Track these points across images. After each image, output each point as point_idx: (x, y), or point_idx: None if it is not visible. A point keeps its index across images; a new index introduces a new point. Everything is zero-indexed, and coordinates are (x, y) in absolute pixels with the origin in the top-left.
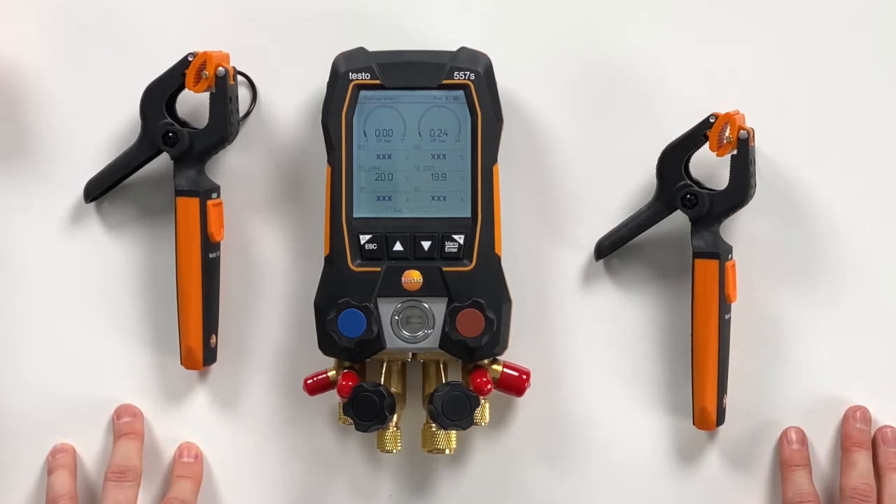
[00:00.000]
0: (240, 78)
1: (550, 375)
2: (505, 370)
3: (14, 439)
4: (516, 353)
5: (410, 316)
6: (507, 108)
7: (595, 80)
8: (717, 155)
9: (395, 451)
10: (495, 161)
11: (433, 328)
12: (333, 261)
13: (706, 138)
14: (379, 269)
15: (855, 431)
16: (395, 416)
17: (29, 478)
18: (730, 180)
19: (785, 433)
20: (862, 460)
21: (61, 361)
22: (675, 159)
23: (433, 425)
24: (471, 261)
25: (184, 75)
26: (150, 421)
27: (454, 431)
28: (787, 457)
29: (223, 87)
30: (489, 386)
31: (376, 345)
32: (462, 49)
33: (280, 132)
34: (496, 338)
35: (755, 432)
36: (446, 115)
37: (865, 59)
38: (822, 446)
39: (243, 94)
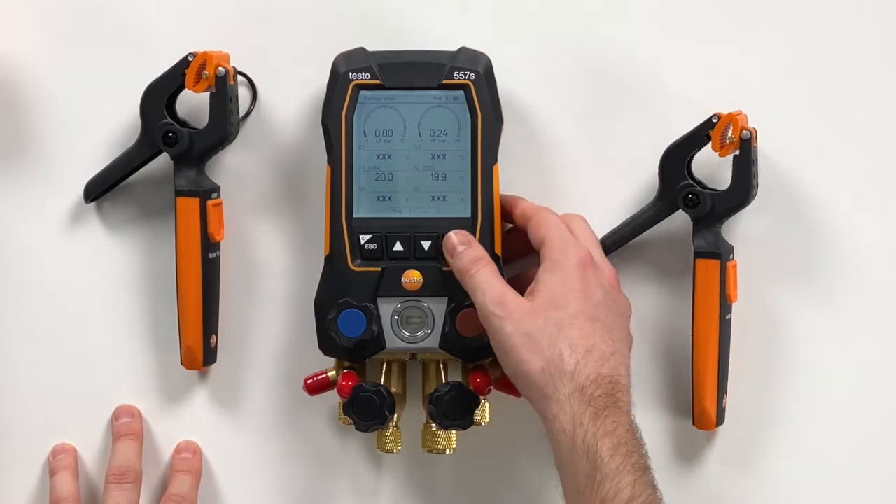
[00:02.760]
0: (240, 78)
1: None
2: None
3: (14, 439)
4: None
5: (410, 316)
6: (507, 108)
7: (596, 79)
8: (720, 155)
9: (395, 451)
10: (495, 161)
11: (433, 328)
12: (333, 261)
13: (708, 138)
14: (379, 269)
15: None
16: (395, 416)
17: (29, 478)
18: (732, 180)
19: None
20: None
21: (61, 361)
22: (677, 159)
23: (433, 425)
24: None
25: (184, 75)
26: (151, 421)
27: (454, 431)
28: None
29: (223, 87)
30: (489, 386)
31: (376, 345)
32: (462, 49)
33: (280, 132)
34: None
35: (755, 432)
36: (446, 115)
37: (867, 59)
38: (821, 444)
39: (243, 94)
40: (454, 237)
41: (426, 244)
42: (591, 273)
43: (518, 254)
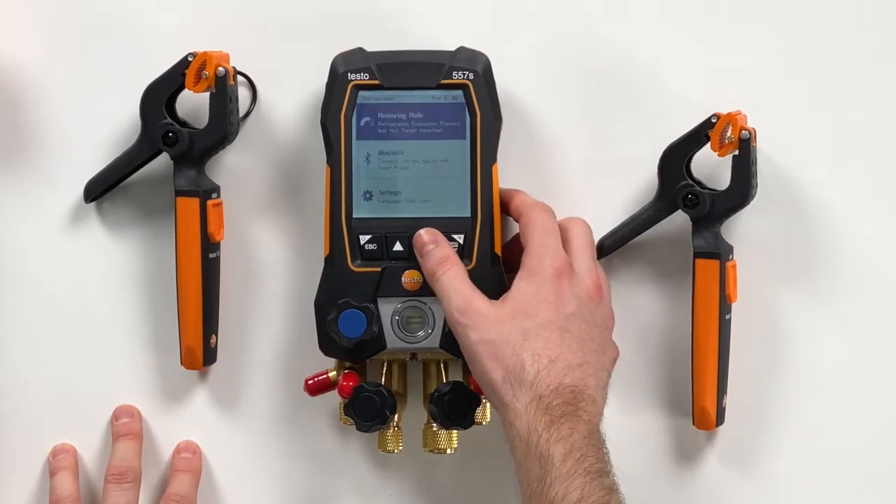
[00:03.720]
0: (240, 78)
1: None
2: None
3: (14, 439)
4: None
5: (411, 316)
6: (507, 107)
7: (596, 79)
8: (719, 155)
9: (396, 451)
10: (494, 160)
11: (433, 328)
12: (333, 261)
13: (708, 138)
14: (379, 269)
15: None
16: (395, 416)
17: (29, 478)
18: (731, 180)
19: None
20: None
21: (61, 361)
22: (676, 159)
23: (434, 425)
24: (471, 260)
25: (184, 75)
26: (151, 421)
27: (455, 431)
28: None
29: (223, 87)
30: None
31: (377, 345)
32: (460, 49)
33: (280, 132)
34: None
35: (755, 432)
36: (445, 114)
37: (867, 58)
38: (821, 444)
39: (243, 94)
40: (424, 235)
41: None
42: (566, 284)
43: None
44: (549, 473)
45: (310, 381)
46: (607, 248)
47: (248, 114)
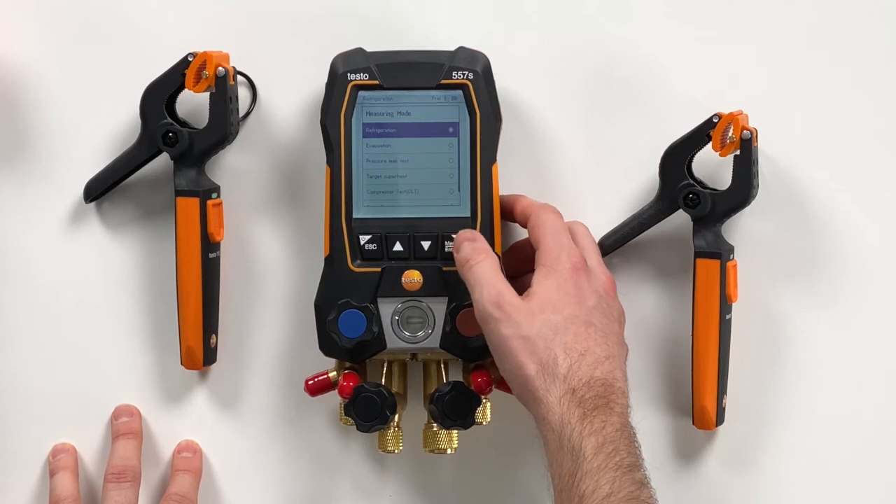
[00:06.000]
0: (240, 78)
1: None
2: None
3: (14, 439)
4: None
5: (411, 316)
6: (507, 107)
7: (596, 79)
8: (720, 155)
9: (396, 451)
10: (494, 161)
11: (433, 328)
12: (333, 261)
13: (709, 138)
14: (379, 269)
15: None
16: (396, 417)
17: (29, 477)
18: (732, 180)
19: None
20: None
21: (61, 361)
22: (677, 159)
23: (434, 425)
24: None
25: (184, 75)
26: (151, 421)
27: (455, 431)
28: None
29: (223, 87)
30: (490, 385)
31: (377, 345)
32: (460, 49)
33: (280, 132)
34: None
35: (755, 432)
36: (445, 114)
37: (868, 59)
38: (821, 444)
39: (243, 94)
40: (463, 233)
41: (426, 244)
42: (584, 278)
43: (522, 271)
44: (581, 467)
45: (310, 382)
46: (608, 248)
47: (248, 114)
